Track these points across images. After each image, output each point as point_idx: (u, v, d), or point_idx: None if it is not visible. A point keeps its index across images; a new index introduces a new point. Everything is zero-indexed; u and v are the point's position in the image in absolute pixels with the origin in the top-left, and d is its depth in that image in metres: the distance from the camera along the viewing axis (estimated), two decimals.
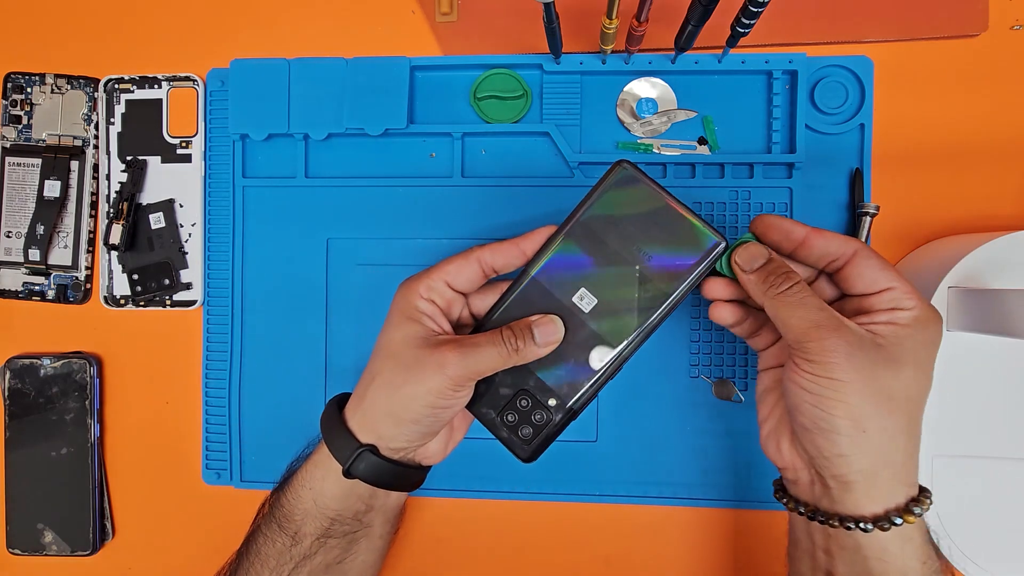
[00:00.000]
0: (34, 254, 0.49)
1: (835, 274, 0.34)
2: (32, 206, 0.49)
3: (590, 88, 0.47)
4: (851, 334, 0.30)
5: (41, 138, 0.50)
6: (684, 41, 0.41)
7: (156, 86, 0.49)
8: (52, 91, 0.50)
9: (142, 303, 0.49)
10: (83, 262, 0.50)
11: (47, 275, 0.50)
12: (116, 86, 0.49)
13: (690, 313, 0.46)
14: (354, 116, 0.47)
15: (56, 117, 0.50)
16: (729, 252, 0.34)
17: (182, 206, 0.49)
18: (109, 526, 0.50)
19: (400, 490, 0.38)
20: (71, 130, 0.50)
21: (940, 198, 0.46)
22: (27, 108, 0.50)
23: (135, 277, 0.49)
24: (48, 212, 0.49)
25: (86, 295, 0.50)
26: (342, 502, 0.37)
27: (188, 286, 0.49)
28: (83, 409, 0.49)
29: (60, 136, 0.50)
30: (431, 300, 0.36)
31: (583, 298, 0.35)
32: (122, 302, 0.49)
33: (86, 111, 0.50)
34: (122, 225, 0.48)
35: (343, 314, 0.48)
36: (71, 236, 0.50)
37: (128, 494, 0.50)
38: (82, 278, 0.50)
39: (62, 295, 0.50)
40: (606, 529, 0.48)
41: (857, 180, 0.45)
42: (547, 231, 0.36)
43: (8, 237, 0.50)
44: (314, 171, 0.49)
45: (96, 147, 0.50)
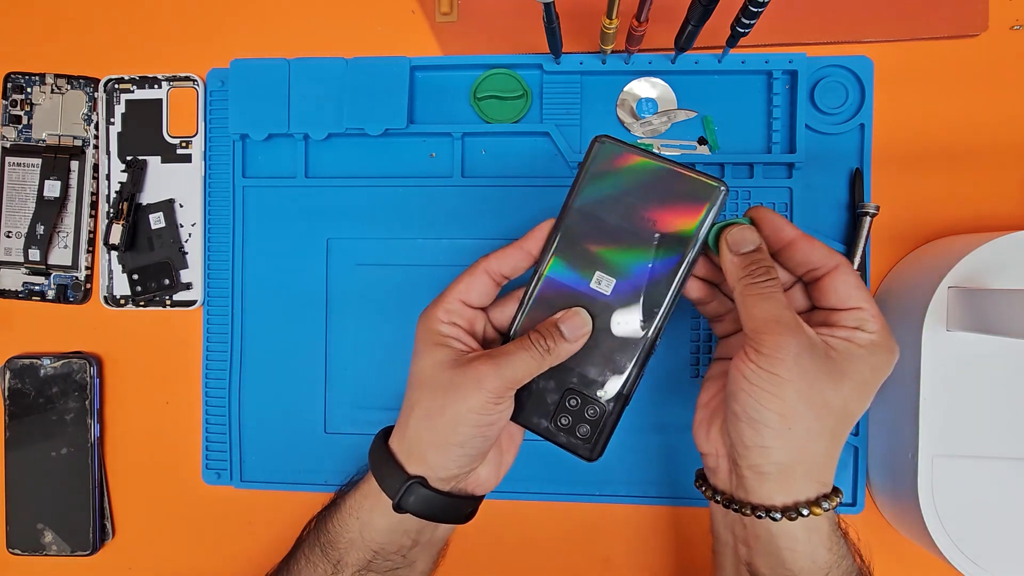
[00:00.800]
0: (34, 254, 0.49)
1: (812, 284, 0.34)
2: (32, 206, 0.49)
3: (590, 88, 0.47)
4: (805, 338, 0.31)
5: (41, 138, 0.50)
6: (684, 41, 0.41)
7: (156, 86, 0.49)
8: (52, 91, 0.50)
9: (142, 303, 0.49)
10: (83, 262, 0.50)
11: (47, 275, 0.50)
12: (116, 86, 0.49)
13: (691, 313, 0.46)
14: (354, 116, 0.47)
15: (56, 117, 0.50)
16: (721, 228, 0.34)
17: (182, 206, 0.49)
18: (109, 526, 0.50)
19: (451, 523, 0.37)
20: (71, 130, 0.50)
21: (940, 198, 0.46)
22: (27, 108, 0.50)
23: (135, 277, 0.49)
24: (48, 212, 0.49)
25: (86, 295, 0.50)
26: (388, 536, 0.36)
27: (188, 286, 0.49)
28: (83, 409, 0.49)
29: (60, 136, 0.50)
30: (452, 323, 0.36)
31: (600, 282, 0.34)
32: (122, 302, 0.49)
33: (86, 111, 0.50)
34: (122, 225, 0.48)
35: (343, 314, 0.48)
36: (71, 236, 0.50)
37: (128, 494, 0.50)
38: (82, 278, 0.50)
39: (62, 295, 0.50)
40: (606, 529, 0.48)
41: (857, 180, 0.45)
42: (547, 226, 0.35)
43: (8, 237, 0.50)
44: (314, 171, 0.49)
45: (96, 147, 0.50)
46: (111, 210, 0.49)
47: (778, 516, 0.32)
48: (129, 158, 0.49)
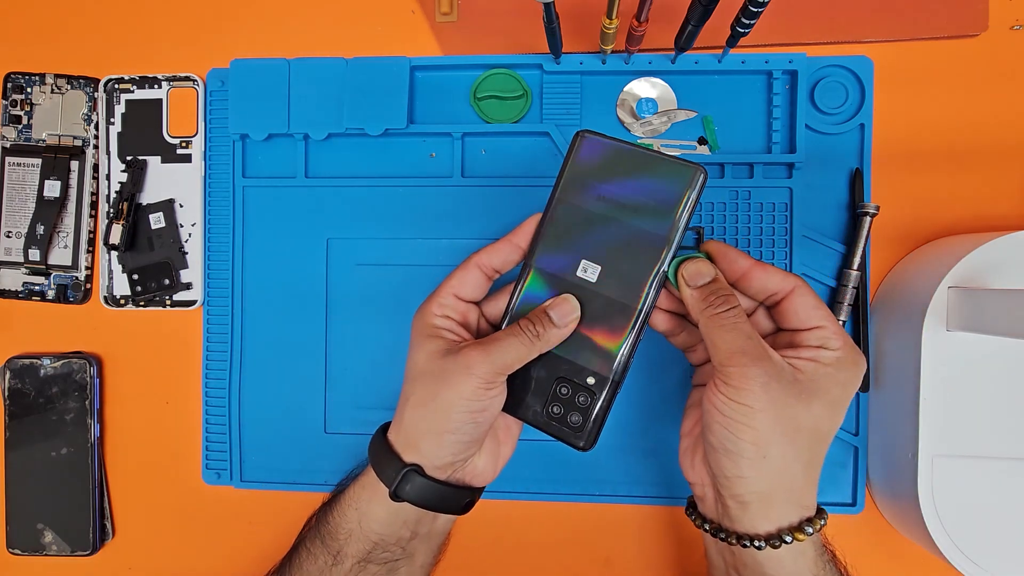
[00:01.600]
0: (34, 254, 0.49)
1: (773, 308, 0.35)
2: (32, 206, 0.49)
3: (590, 88, 0.47)
4: (771, 365, 0.32)
5: (41, 138, 0.50)
6: (684, 41, 0.41)
7: (156, 86, 0.49)
8: (52, 91, 0.50)
9: (142, 303, 0.49)
10: (83, 262, 0.50)
11: (47, 275, 0.50)
12: (116, 86, 0.49)
13: None
14: (354, 116, 0.47)
15: (56, 117, 0.50)
16: (678, 263, 0.35)
17: (182, 206, 0.49)
18: (109, 526, 0.50)
19: (449, 512, 0.37)
20: (71, 130, 0.50)
21: (940, 198, 0.46)
22: (27, 108, 0.50)
23: (135, 277, 0.49)
24: (48, 212, 0.49)
25: (86, 295, 0.50)
26: (387, 526, 0.37)
27: (188, 286, 0.49)
28: (83, 409, 0.49)
29: (60, 136, 0.50)
30: (445, 316, 0.36)
31: (586, 270, 0.35)
32: (122, 302, 0.49)
33: (86, 111, 0.50)
34: (122, 225, 0.48)
35: (343, 314, 0.48)
36: (71, 236, 0.50)
37: (128, 494, 0.50)
38: (82, 278, 0.50)
39: (62, 295, 0.50)
40: (606, 529, 0.48)
41: (857, 180, 0.45)
42: (535, 219, 0.36)
43: (8, 237, 0.50)
44: (314, 171, 0.49)
45: (96, 147, 0.50)
46: (111, 210, 0.49)
47: (762, 545, 0.32)
48: (129, 158, 0.49)
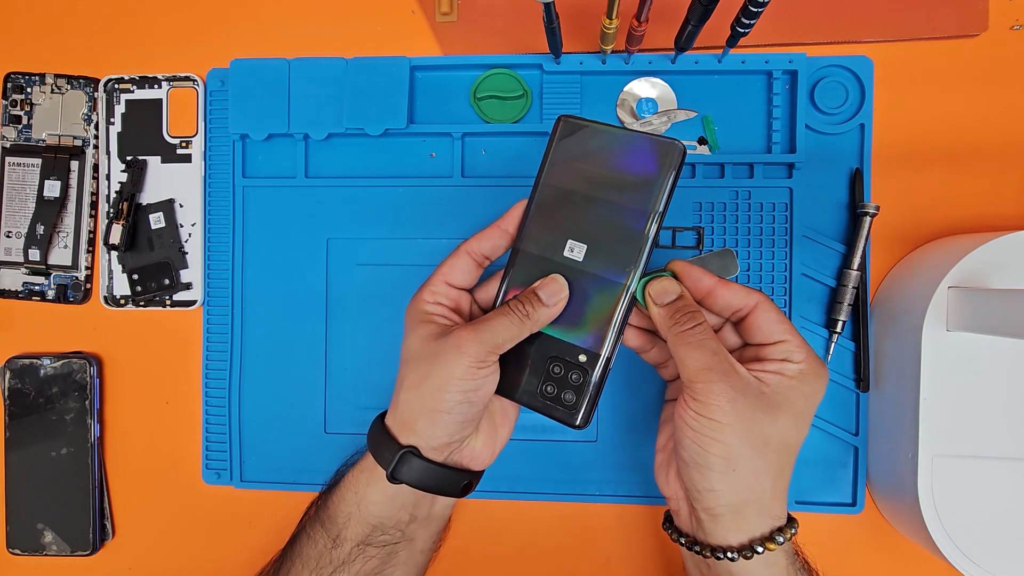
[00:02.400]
0: (34, 254, 0.49)
1: (738, 324, 0.36)
2: (32, 206, 0.49)
3: (590, 88, 0.47)
4: (738, 380, 0.33)
5: (41, 138, 0.50)
6: (684, 41, 0.41)
7: (156, 86, 0.49)
8: (52, 91, 0.50)
9: (142, 303, 0.49)
10: (83, 262, 0.50)
11: (47, 275, 0.50)
12: (116, 86, 0.49)
13: None
14: (354, 116, 0.47)
15: (56, 117, 0.50)
16: (645, 283, 0.35)
17: (182, 206, 0.49)
18: (109, 526, 0.50)
19: (447, 494, 0.37)
20: (71, 130, 0.50)
21: (940, 198, 0.46)
22: (27, 108, 0.50)
23: (135, 277, 0.49)
24: (48, 212, 0.49)
25: (86, 295, 0.50)
26: (385, 509, 0.37)
27: (188, 286, 0.49)
28: (83, 409, 0.49)
29: (60, 136, 0.50)
30: (437, 303, 0.37)
31: (573, 249, 0.35)
32: (122, 302, 0.49)
33: (86, 111, 0.50)
34: (122, 225, 0.48)
35: (343, 314, 0.48)
36: (71, 236, 0.50)
37: (128, 494, 0.50)
38: (82, 278, 0.50)
39: (62, 295, 0.50)
40: (606, 529, 0.48)
41: (857, 180, 0.45)
42: (521, 204, 0.37)
43: (8, 237, 0.50)
44: (314, 171, 0.49)
45: (96, 147, 0.50)
46: (111, 210, 0.49)
47: (735, 556, 0.33)
48: (129, 158, 0.49)
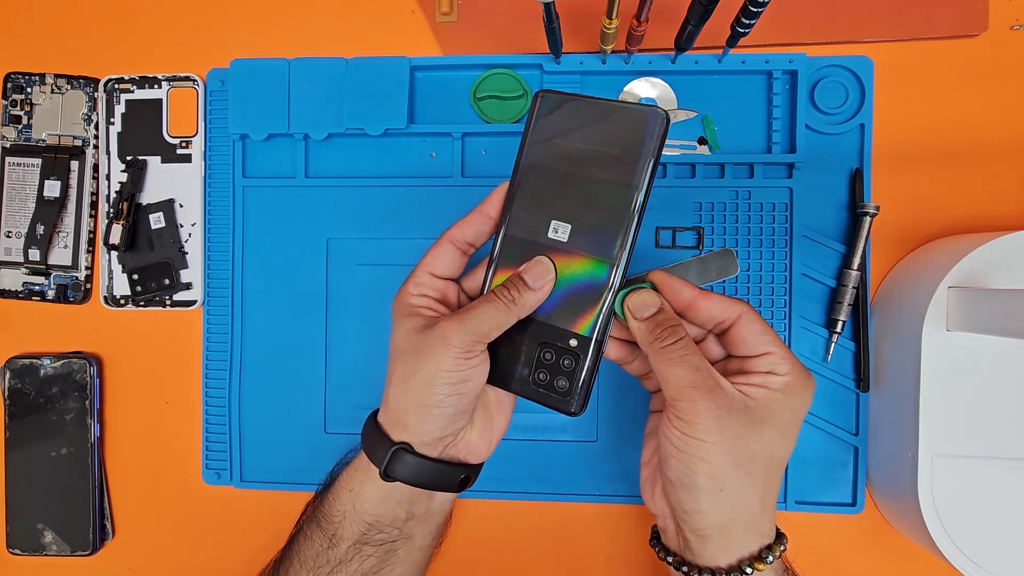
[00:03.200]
0: (34, 254, 0.49)
1: (721, 335, 0.35)
2: (32, 206, 0.49)
3: (590, 88, 0.47)
4: (722, 396, 0.32)
5: (41, 138, 0.50)
6: (684, 41, 0.41)
7: (156, 86, 0.49)
8: (52, 91, 0.50)
9: (142, 303, 0.49)
10: (83, 262, 0.50)
11: (47, 275, 0.50)
12: (116, 86, 0.49)
13: None
14: (354, 116, 0.47)
15: (56, 117, 0.50)
16: (624, 295, 0.34)
17: (182, 206, 0.49)
18: (109, 526, 0.50)
19: (442, 490, 0.37)
20: (71, 130, 0.50)
21: (940, 198, 0.46)
22: (27, 108, 0.50)
23: (135, 277, 0.49)
24: (48, 212, 0.49)
25: (86, 295, 0.50)
26: (380, 507, 0.36)
27: (188, 286, 0.49)
28: (83, 409, 0.49)
29: (60, 136, 0.50)
30: (422, 294, 0.36)
31: (556, 230, 0.34)
32: (122, 302, 0.49)
33: (86, 111, 0.50)
34: (122, 225, 0.48)
35: (343, 314, 0.48)
36: (71, 236, 0.50)
37: (128, 494, 0.50)
38: (82, 278, 0.50)
39: (62, 295, 0.50)
40: (606, 529, 0.48)
41: (857, 180, 0.45)
42: (503, 187, 0.36)
43: (8, 237, 0.50)
44: (314, 171, 0.49)
45: (96, 147, 0.50)
46: (111, 210, 0.49)
47: None
48: (129, 158, 0.49)
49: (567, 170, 0.34)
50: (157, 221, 0.49)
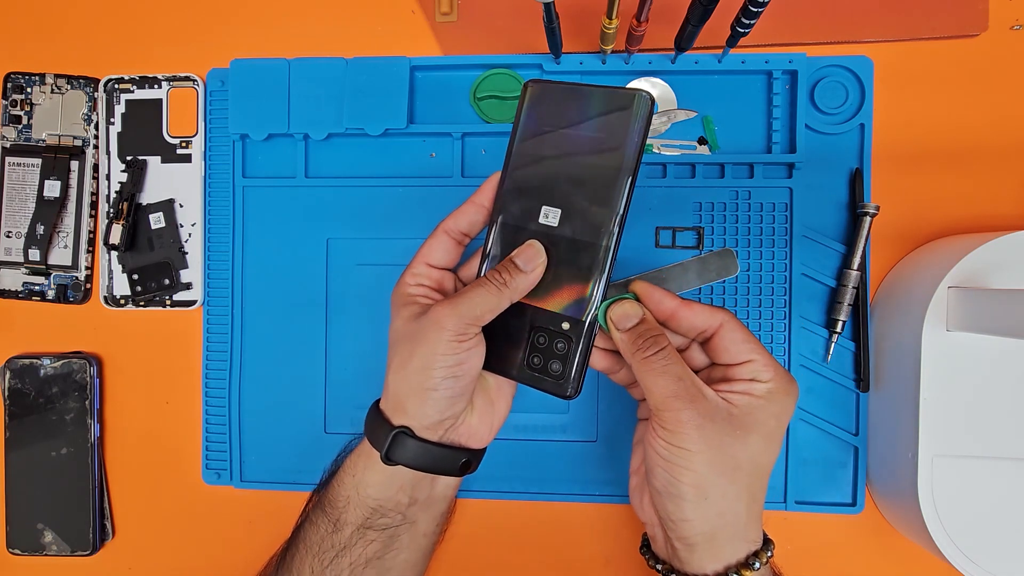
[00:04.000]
0: (34, 254, 0.49)
1: (704, 344, 0.36)
2: (32, 206, 0.49)
3: None
4: (705, 405, 0.32)
5: (41, 138, 0.50)
6: (684, 41, 0.41)
7: (156, 86, 0.49)
8: (52, 91, 0.50)
9: (142, 303, 0.49)
10: (83, 262, 0.50)
11: (47, 275, 0.50)
12: (116, 86, 0.49)
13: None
14: (354, 116, 0.47)
15: (56, 117, 0.50)
16: (607, 306, 0.35)
17: (182, 206, 0.49)
18: (109, 526, 0.50)
19: (444, 473, 0.37)
20: (71, 130, 0.50)
21: (940, 198, 0.46)
22: (27, 108, 0.50)
23: (135, 277, 0.49)
24: (48, 212, 0.49)
25: (86, 295, 0.50)
26: (383, 491, 0.37)
27: (188, 286, 0.49)
28: (83, 409, 0.49)
29: (60, 136, 0.50)
30: (419, 284, 0.37)
31: (547, 215, 0.35)
32: (122, 302, 0.49)
33: (86, 111, 0.50)
34: (122, 225, 0.48)
35: (343, 314, 0.48)
36: (71, 236, 0.50)
37: (128, 494, 0.50)
38: (82, 278, 0.50)
39: (62, 295, 0.50)
40: (606, 529, 0.48)
41: (857, 180, 0.45)
42: (495, 177, 0.37)
43: (8, 237, 0.50)
44: (314, 171, 0.49)
45: (96, 147, 0.50)
46: (111, 210, 0.49)
47: None
48: (129, 158, 0.49)
49: (556, 156, 0.35)
50: (157, 221, 0.49)
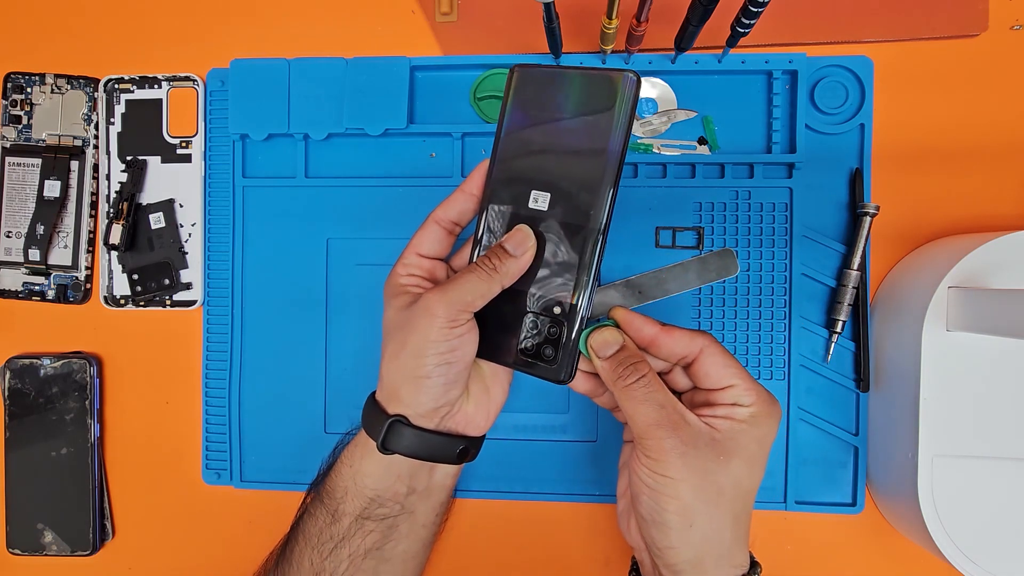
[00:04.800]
0: (34, 254, 0.49)
1: (686, 368, 0.36)
2: (32, 206, 0.49)
3: None
4: (688, 432, 0.32)
5: (41, 138, 0.50)
6: (684, 41, 0.41)
7: (156, 86, 0.49)
8: (52, 91, 0.50)
9: (142, 303, 0.49)
10: (83, 262, 0.50)
11: (47, 275, 0.50)
12: (116, 86, 0.49)
13: (689, 315, 0.46)
14: (354, 116, 0.47)
15: (56, 117, 0.50)
16: (587, 334, 0.35)
17: (182, 206, 0.49)
18: (109, 526, 0.50)
19: (441, 461, 0.37)
20: (71, 130, 0.50)
21: (940, 198, 0.46)
22: (27, 108, 0.50)
23: (135, 277, 0.49)
24: (48, 212, 0.49)
25: (86, 295, 0.50)
26: (380, 481, 0.37)
27: (188, 286, 0.49)
28: (83, 409, 0.49)
29: (60, 136, 0.50)
30: (410, 274, 0.37)
31: (537, 199, 0.35)
32: (122, 302, 0.49)
33: (86, 111, 0.50)
34: (122, 225, 0.48)
35: (343, 314, 0.48)
36: (71, 236, 0.50)
37: (128, 494, 0.50)
38: (82, 278, 0.50)
39: (62, 295, 0.50)
40: (606, 529, 0.48)
41: (857, 180, 0.45)
42: (484, 165, 0.37)
43: (8, 237, 0.50)
44: (314, 171, 0.49)
45: (96, 147, 0.50)
46: (111, 210, 0.49)
47: None
48: (129, 158, 0.49)
49: (544, 140, 0.35)
50: (157, 221, 0.49)
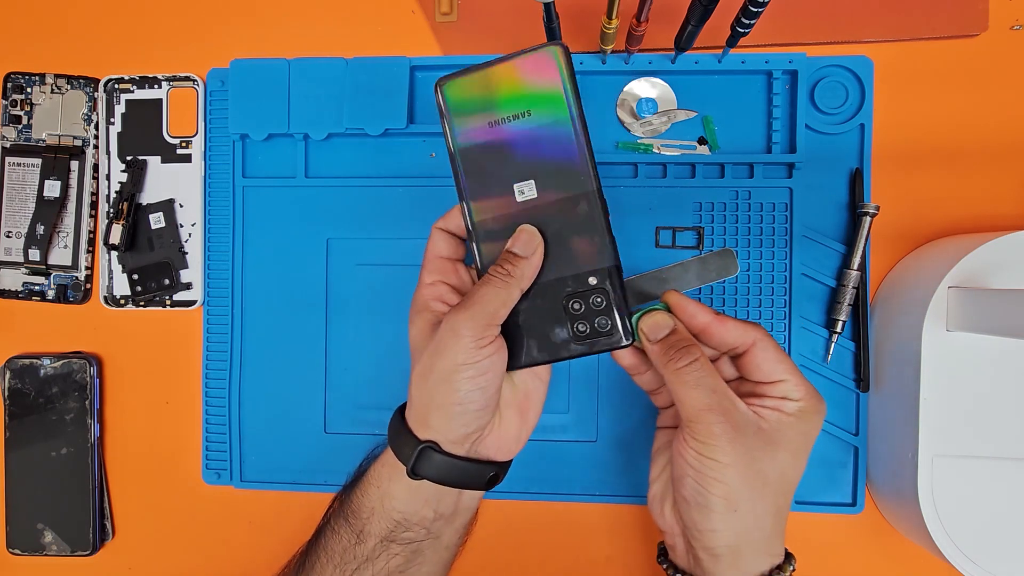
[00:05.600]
0: (34, 254, 0.49)
1: (736, 359, 0.35)
2: (32, 206, 0.49)
3: (590, 88, 0.47)
4: (737, 418, 0.32)
5: (41, 138, 0.50)
6: (684, 41, 0.41)
7: (156, 86, 0.49)
8: (52, 91, 0.50)
9: (142, 303, 0.49)
10: (83, 262, 0.50)
11: (47, 275, 0.50)
12: (116, 86, 0.49)
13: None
14: (354, 116, 0.47)
15: (56, 117, 0.50)
16: (638, 318, 0.35)
17: (182, 206, 0.49)
18: (109, 526, 0.50)
19: (471, 488, 0.36)
20: (71, 130, 0.50)
21: (940, 198, 0.46)
22: (27, 108, 0.50)
23: (135, 277, 0.49)
24: (48, 212, 0.49)
25: (86, 295, 0.50)
26: (408, 504, 0.36)
27: (188, 286, 0.49)
28: (83, 409, 0.49)
29: (60, 136, 0.50)
30: (434, 282, 0.37)
31: (523, 191, 0.35)
32: (122, 302, 0.49)
33: (86, 111, 0.50)
34: (122, 225, 0.48)
35: (343, 314, 0.48)
36: (71, 236, 0.50)
37: (128, 494, 0.50)
38: (82, 278, 0.50)
39: (62, 295, 0.50)
40: (606, 529, 0.48)
41: (857, 180, 0.45)
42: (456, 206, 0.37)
43: (8, 237, 0.50)
44: (314, 171, 0.49)
45: (96, 147, 0.50)
46: (111, 210, 0.49)
47: None
48: (129, 158, 0.49)
49: (500, 138, 0.35)
50: (157, 221, 0.49)
